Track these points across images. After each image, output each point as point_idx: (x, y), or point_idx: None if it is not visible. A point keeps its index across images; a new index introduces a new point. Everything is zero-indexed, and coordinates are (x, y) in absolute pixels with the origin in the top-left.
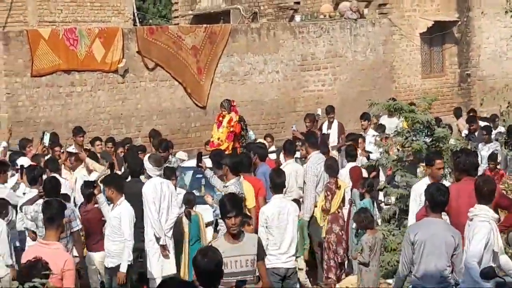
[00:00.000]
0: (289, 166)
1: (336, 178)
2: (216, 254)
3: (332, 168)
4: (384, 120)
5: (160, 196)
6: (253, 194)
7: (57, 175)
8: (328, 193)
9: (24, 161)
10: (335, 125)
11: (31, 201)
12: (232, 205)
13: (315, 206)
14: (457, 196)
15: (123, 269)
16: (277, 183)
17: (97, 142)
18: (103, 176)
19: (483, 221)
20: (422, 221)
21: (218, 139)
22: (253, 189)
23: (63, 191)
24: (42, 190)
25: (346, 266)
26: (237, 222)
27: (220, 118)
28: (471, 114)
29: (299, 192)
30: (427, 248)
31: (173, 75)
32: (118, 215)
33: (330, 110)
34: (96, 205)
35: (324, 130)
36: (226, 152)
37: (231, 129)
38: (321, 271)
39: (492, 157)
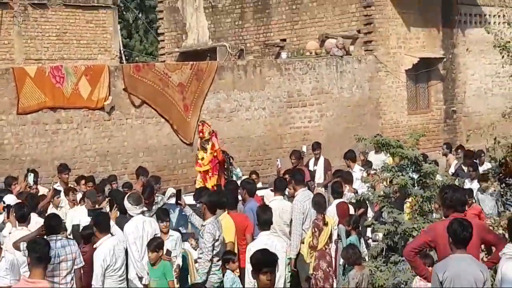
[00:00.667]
0: (276, 203)
1: (324, 214)
2: None
3: (319, 204)
4: (371, 156)
5: (142, 235)
6: (233, 230)
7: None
8: (316, 229)
9: (10, 199)
10: (321, 161)
11: (28, 238)
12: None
13: (302, 243)
14: (444, 233)
15: None
16: (264, 219)
17: (82, 181)
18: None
19: None
20: (449, 258)
21: (202, 159)
22: (233, 225)
23: None
24: (44, 227)
25: None
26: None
27: (200, 134)
28: (458, 150)
29: (283, 229)
30: (457, 285)
31: (159, 112)
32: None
33: (316, 146)
34: (94, 246)
35: (311, 167)
36: (210, 187)
37: (214, 154)
38: None
39: (470, 194)
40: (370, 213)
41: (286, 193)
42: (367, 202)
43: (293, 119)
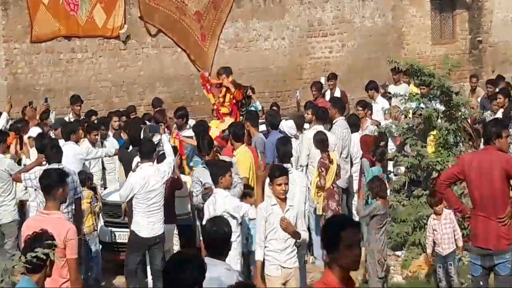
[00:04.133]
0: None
1: (328, 152)
2: (225, 223)
3: (322, 142)
4: (391, 88)
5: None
6: (248, 165)
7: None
8: (322, 169)
9: (34, 131)
10: (337, 93)
11: (27, 169)
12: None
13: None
14: (472, 164)
15: None
16: (283, 152)
17: (114, 118)
18: None
19: None
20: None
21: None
22: (250, 158)
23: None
24: (44, 157)
25: None
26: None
27: (210, 86)
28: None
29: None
30: None
31: (176, 42)
32: None
33: (331, 77)
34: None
35: (327, 98)
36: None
37: (231, 97)
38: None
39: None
40: (391, 146)
41: (306, 126)
42: (387, 135)
43: (313, 49)
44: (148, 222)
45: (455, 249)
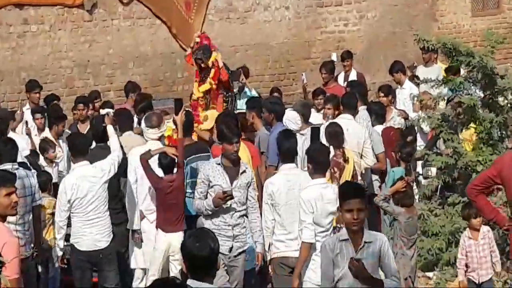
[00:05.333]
0: (345, 122)
1: (343, 148)
2: (210, 236)
3: (336, 137)
4: (420, 70)
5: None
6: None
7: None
8: (335, 169)
9: None
10: (353, 76)
11: None
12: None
13: None
14: None
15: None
16: (286, 148)
17: (80, 106)
18: None
19: None
20: None
21: (198, 99)
22: (247, 154)
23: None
24: None
25: None
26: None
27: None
28: None
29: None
30: None
31: (154, 12)
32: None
33: (346, 56)
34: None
35: (341, 82)
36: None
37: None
38: None
39: None
40: (419, 143)
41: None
42: (416, 129)
43: (324, 22)
44: (87, 233)
45: (492, 276)
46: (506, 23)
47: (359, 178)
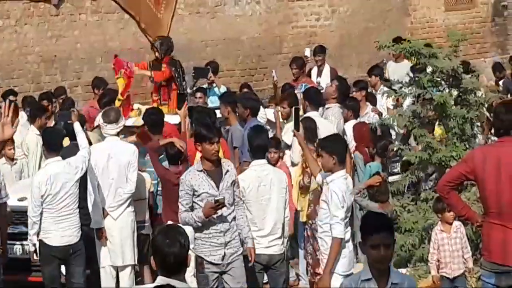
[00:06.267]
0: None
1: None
2: (180, 232)
3: (311, 131)
4: (391, 66)
5: (108, 161)
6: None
7: None
8: (307, 163)
9: None
10: (326, 71)
11: None
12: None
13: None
14: (485, 162)
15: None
16: (257, 144)
17: (45, 102)
18: None
19: None
20: None
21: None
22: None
23: None
24: None
25: None
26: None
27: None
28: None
29: None
30: None
31: (122, 6)
32: None
33: (319, 50)
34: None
35: (313, 78)
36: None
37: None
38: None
39: None
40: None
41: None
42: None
43: (296, 16)
44: (57, 228)
45: (465, 271)
46: (479, 17)
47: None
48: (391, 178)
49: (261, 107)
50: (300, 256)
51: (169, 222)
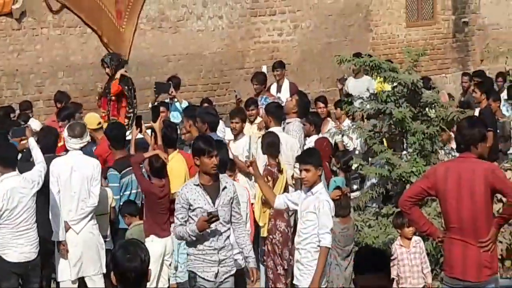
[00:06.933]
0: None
1: (278, 159)
2: (141, 247)
3: (273, 146)
4: (350, 82)
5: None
6: (184, 173)
7: None
8: (268, 178)
9: None
10: (285, 86)
11: None
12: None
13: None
14: (446, 177)
15: None
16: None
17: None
18: None
19: None
20: None
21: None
22: (185, 166)
23: None
24: None
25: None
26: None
27: None
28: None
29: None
30: None
31: (84, 20)
32: None
33: (277, 65)
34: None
35: (273, 92)
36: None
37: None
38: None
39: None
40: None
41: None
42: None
43: (258, 31)
44: (16, 244)
45: (424, 286)
46: (441, 33)
47: (291, 189)
48: (353, 195)
49: (220, 121)
50: (261, 271)
51: (152, 236)
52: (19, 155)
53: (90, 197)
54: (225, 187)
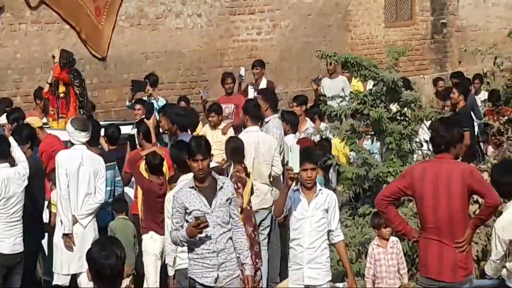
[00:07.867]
0: (252, 134)
1: (244, 163)
2: (116, 244)
3: (238, 151)
4: (325, 82)
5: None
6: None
7: None
8: (239, 184)
9: None
10: (263, 84)
11: None
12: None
13: None
14: (423, 178)
15: None
16: (179, 160)
17: None
18: None
19: None
20: None
21: None
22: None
23: None
24: None
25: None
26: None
27: None
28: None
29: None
30: None
31: (63, 16)
32: None
33: (257, 64)
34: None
35: (250, 94)
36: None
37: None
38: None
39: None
40: None
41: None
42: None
43: (237, 30)
44: (9, 236)
45: (400, 286)
46: (419, 34)
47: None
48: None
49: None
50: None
51: (151, 233)
52: None
53: (98, 193)
54: (221, 187)
